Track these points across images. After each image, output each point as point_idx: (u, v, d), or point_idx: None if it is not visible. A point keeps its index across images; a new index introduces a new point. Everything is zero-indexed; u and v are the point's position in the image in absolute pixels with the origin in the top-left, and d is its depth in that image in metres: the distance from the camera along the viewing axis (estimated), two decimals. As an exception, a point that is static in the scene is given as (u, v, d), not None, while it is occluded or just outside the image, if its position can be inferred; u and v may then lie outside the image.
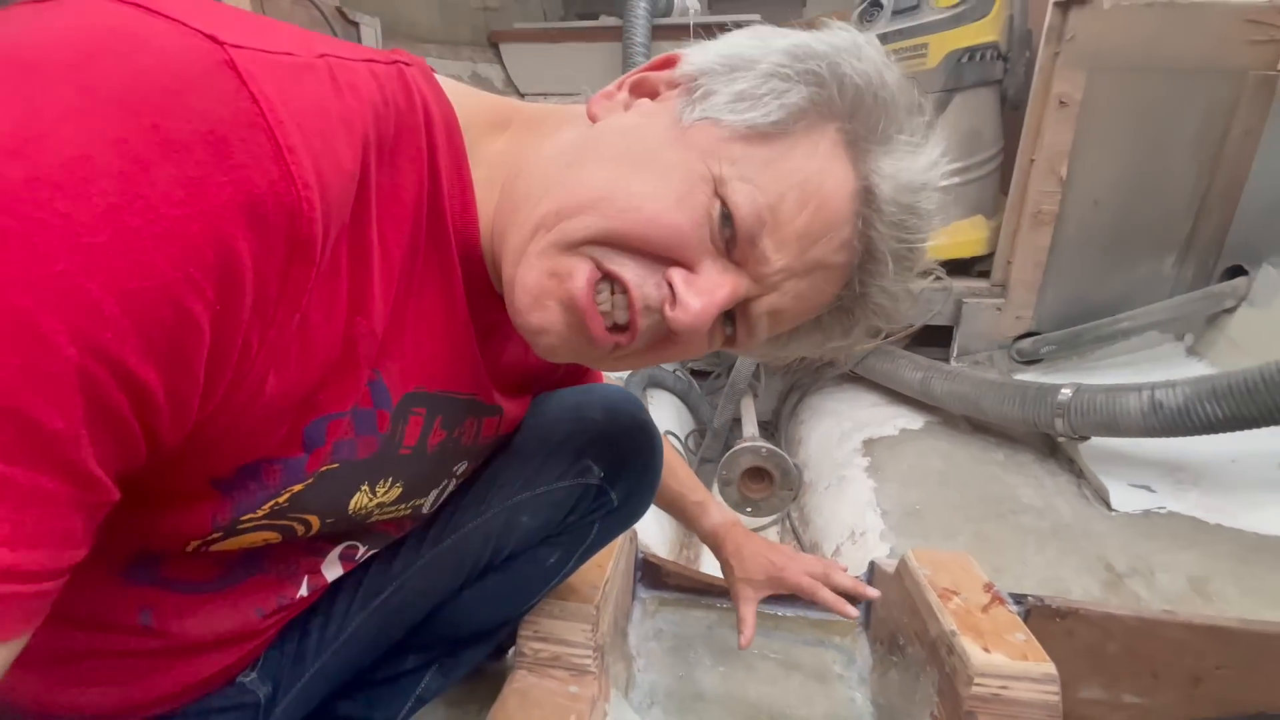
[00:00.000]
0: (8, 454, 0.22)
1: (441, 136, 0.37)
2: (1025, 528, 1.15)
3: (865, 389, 1.73)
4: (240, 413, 0.31)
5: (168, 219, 0.23)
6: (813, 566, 0.77)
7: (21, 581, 0.23)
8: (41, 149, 0.21)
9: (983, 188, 1.66)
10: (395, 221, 0.35)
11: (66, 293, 0.21)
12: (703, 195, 0.36)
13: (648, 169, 0.36)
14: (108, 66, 0.23)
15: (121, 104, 0.22)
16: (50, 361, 0.22)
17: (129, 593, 0.39)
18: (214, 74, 0.24)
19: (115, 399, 0.24)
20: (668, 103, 0.39)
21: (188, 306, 0.24)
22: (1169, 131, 1.42)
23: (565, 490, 0.60)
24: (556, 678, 0.67)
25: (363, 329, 0.34)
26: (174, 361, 0.25)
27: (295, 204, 0.26)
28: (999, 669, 0.63)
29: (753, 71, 0.37)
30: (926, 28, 1.55)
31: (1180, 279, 1.52)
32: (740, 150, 0.36)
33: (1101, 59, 1.38)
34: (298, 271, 0.28)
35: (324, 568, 0.50)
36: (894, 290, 0.41)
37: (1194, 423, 1.05)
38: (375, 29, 1.61)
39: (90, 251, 0.22)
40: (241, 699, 0.50)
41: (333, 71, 0.30)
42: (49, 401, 0.22)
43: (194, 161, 0.23)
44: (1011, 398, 1.29)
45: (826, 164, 0.37)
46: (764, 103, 0.36)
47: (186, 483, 0.34)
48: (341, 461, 0.38)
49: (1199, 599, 0.96)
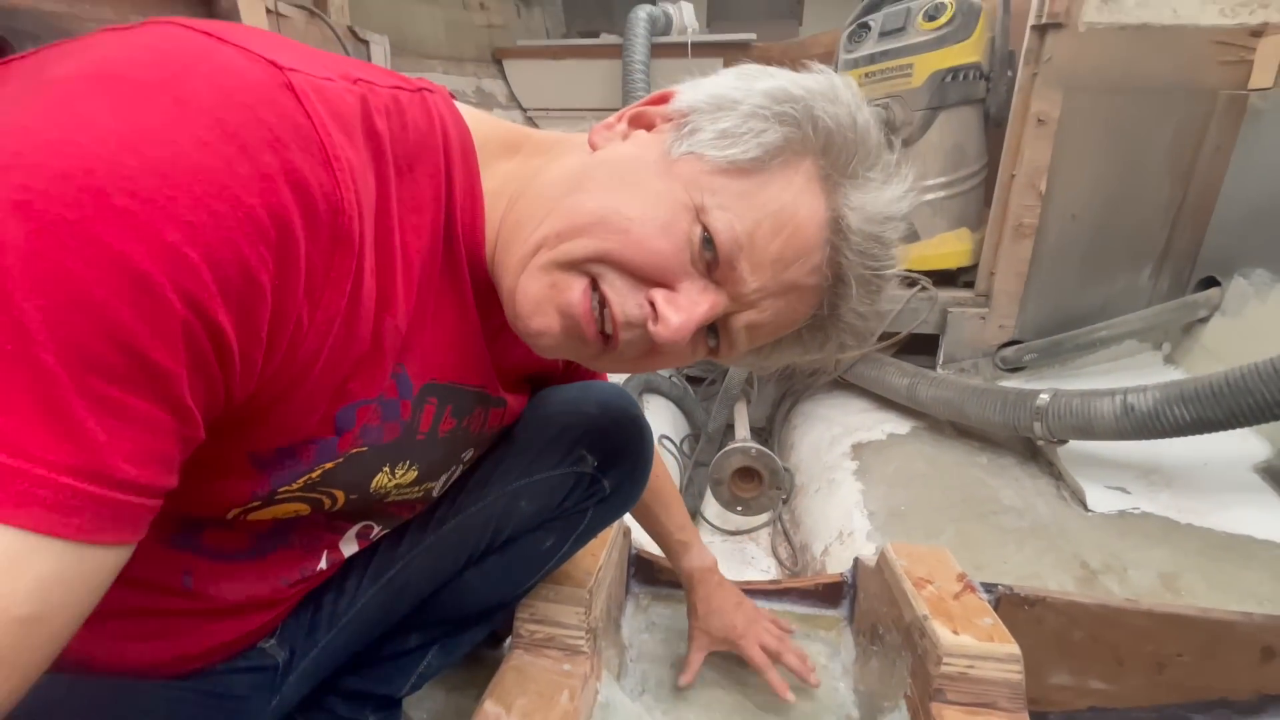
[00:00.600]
0: (132, 386, 0.27)
1: (457, 156, 0.42)
2: (1005, 527, 1.19)
3: (855, 395, 1.77)
4: (291, 386, 0.35)
5: (245, 206, 0.28)
6: (768, 642, 0.82)
7: (137, 493, 0.28)
8: (150, 145, 0.26)
9: (967, 201, 1.72)
10: (415, 230, 0.40)
11: (174, 259, 0.26)
12: (685, 222, 0.40)
13: (638, 196, 0.40)
14: (196, 85, 0.28)
15: (209, 114, 0.28)
16: (163, 312, 0.27)
17: (173, 556, 0.44)
18: (277, 94, 0.30)
19: (206, 347, 0.29)
20: (660, 135, 0.44)
21: (257, 275, 0.29)
22: (1143, 148, 1.47)
23: (561, 478, 0.64)
24: (551, 657, 0.71)
25: (389, 325, 0.39)
26: (246, 322, 0.30)
27: (339, 203, 0.32)
28: (966, 649, 0.67)
29: (735, 111, 0.41)
30: (912, 49, 1.61)
31: (1156, 290, 1.57)
32: (721, 183, 0.40)
33: (1078, 79, 1.44)
34: (341, 261, 0.33)
35: (342, 544, 0.54)
36: (862, 311, 0.45)
37: (1163, 425, 1.10)
38: (384, 46, 1.67)
39: (190, 227, 0.27)
40: (263, 662, 0.54)
41: (365, 96, 0.36)
42: (163, 345, 0.27)
43: (264, 162, 0.29)
44: (993, 403, 1.34)
45: (800, 196, 0.41)
46: (744, 140, 0.41)
47: (230, 457, 0.38)
48: (369, 445, 0.43)
49: (1169, 594, 1.00)
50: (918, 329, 1.69)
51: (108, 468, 0.26)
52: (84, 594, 0.28)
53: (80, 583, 0.27)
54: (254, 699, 0.54)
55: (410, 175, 0.39)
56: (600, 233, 0.39)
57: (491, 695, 0.65)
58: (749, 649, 0.81)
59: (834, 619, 0.98)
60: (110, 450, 0.26)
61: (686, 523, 0.85)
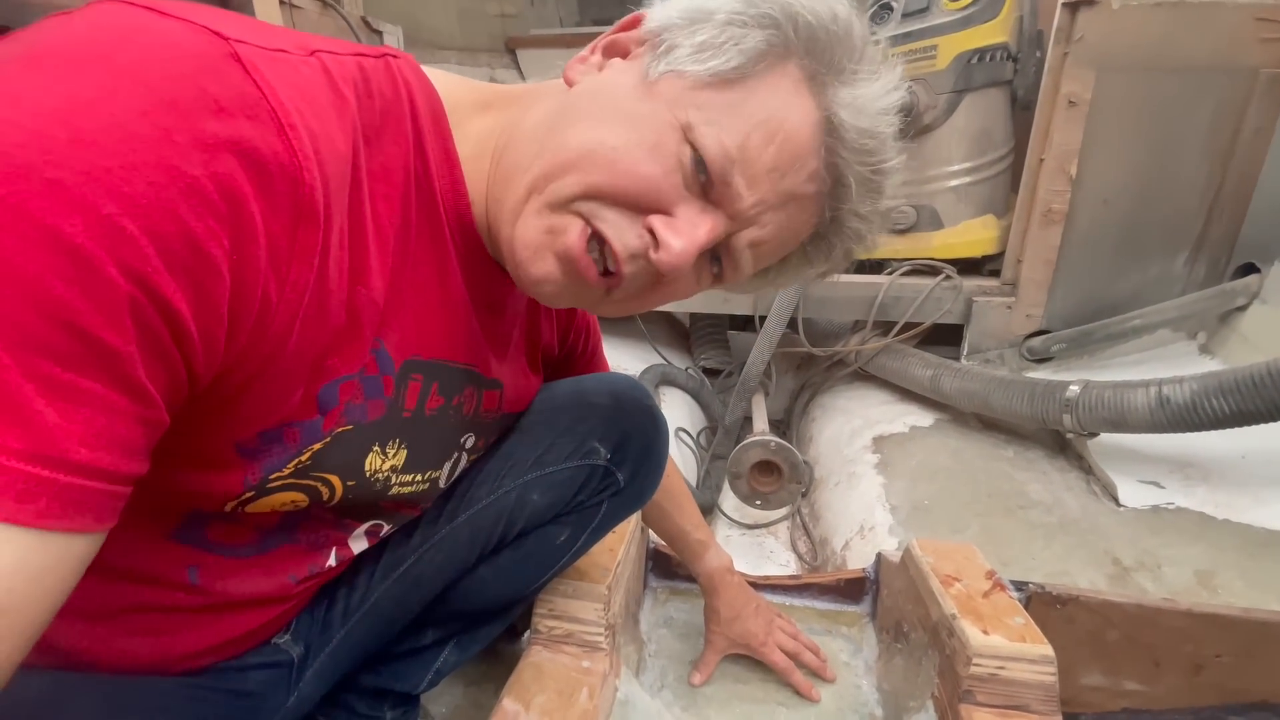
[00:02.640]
0: (79, 366, 0.25)
1: (426, 120, 0.40)
2: (1033, 523, 1.16)
3: (876, 387, 1.74)
4: (264, 365, 0.34)
5: (187, 176, 0.27)
6: (786, 643, 0.83)
7: (96, 478, 0.27)
8: (82, 117, 0.25)
9: (993, 187, 1.67)
10: (386, 200, 0.38)
11: (111, 230, 0.25)
12: (672, 143, 0.39)
13: (620, 124, 0.39)
14: (133, 55, 0.27)
15: (146, 84, 0.26)
16: (105, 288, 0.25)
17: (178, 552, 0.43)
18: (221, 63, 0.29)
19: (157, 324, 0.27)
20: (637, 60, 0.42)
21: (208, 250, 0.28)
22: (1179, 130, 1.42)
23: (573, 470, 0.63)
24: (569, 653, 0.70)
25: (364, 298, 0.38)
26: (200, 298, 0.29)
27: (297, 173, 0.30)
28: (996, 650, 0.65)
29: (711, 22, 0.40)
30: (936, 29, 1.57)
31: (1192, 277, 1.52)
32: (705, 97, 0.39)
33: (1111, 59, 1.39)
34: (305, 234, 0.32)
35: (350, 541, 0.53)
36: (864, 212, 0.43)
37: (1201, 418, 1.06)
38: (398, 37, 1.66)
39: (126, 199, 0.25)
40: (276, 658, 0.54)
41: (325, 65, 0.34)
42: (109, 323, 0.26)
43: (209, 133, 0.27)
44: (1020, 394, 1.30)
45: (788, 100, 0.39)
46: (724, 50, 0.39)
47: (215, 447, 0.37)
48: (355, 424, 0.42)
49: (1205, 592, 0.96)
50: (941, 319, 1.65)
51: (61, 451, 0.25)
52: (50, 584, 0.26)
53: (45, 572, 0.26)
54: (270, 695, 0.54)
55: (378, 143, 0.37)
56: (587, 166, 0.38)
57: (510, 692, 0.64)
58: (770, 655, 0.82)
59: (855, 615, 0.96)
60: (63, 434, 0.25)
61: (701, 521, 0.84)
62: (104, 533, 0.29)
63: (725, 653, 0.84)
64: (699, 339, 2.04)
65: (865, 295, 1.70)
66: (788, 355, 1.89)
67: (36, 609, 0.26)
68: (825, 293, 1.73)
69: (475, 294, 0.47)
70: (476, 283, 0.47)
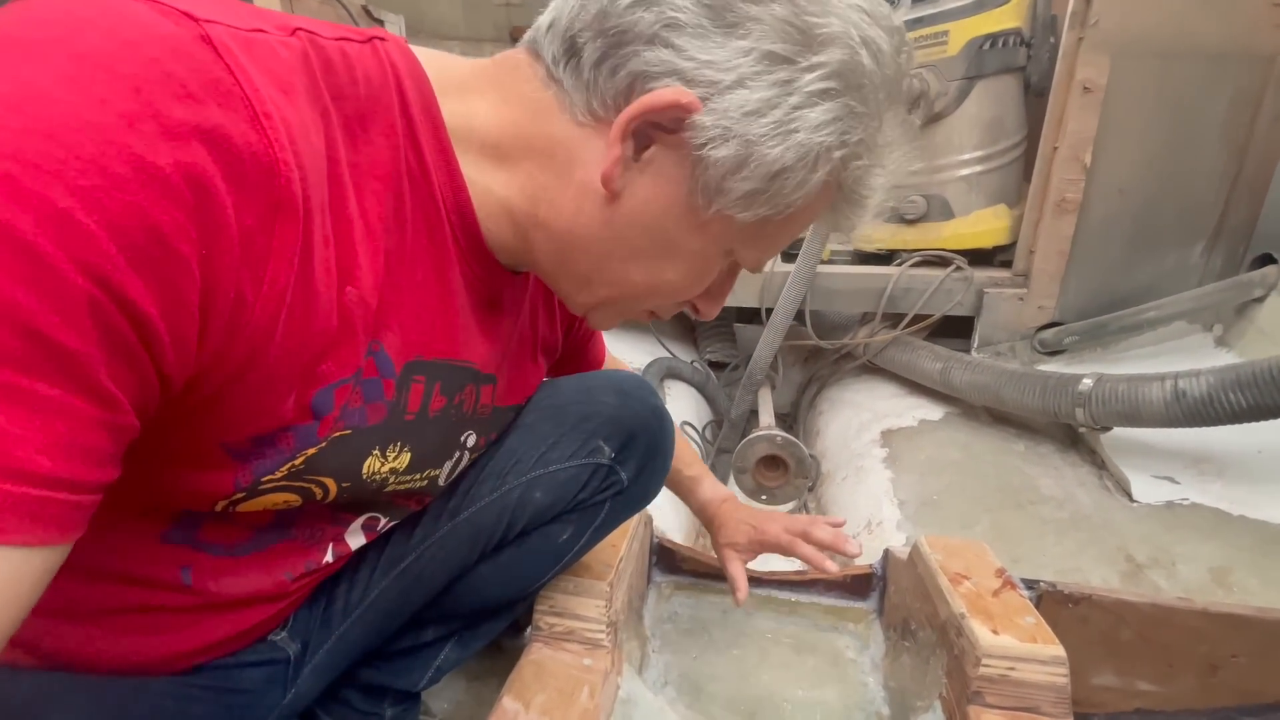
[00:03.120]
0: (35, 371, 0.24)
1: (418, 110, 0.38)
2: (1044, 518, 1.14)
3: (884, 380, 1.72)
4: (246, 367, 0.32)
5: (152, 167, 0.25)
6: (793, 524, 0.79)
7: (57, 489, 0.25)
8: (37, 105, 0.24)
9: (1005, 176, 1.64)
10: (375, 195, 0.37)
11: (68, 227, 0.24)
12: (719, 261, 0.45)
13: (676, 260, 0.44)
14: (95, 39, 0.25)
15: (108, 69, 0.25)
16: (62, 288, 0.24)
17: (170, 552, 0.42)
18: (191, 46, 0.27)
19: (120, 324, 0.26)
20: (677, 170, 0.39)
21: (174, 245, 0.26)
22: (1196, 118, 1.39)
23: (576, 469, 0.62)
24: (571, 651, 0.69)
25: (353, 298, 0.36)
26: (168, 295, 0.27)
27: (272, 164, 0.29)
28: (1006, 650, 0.63)
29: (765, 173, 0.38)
30: (947, 14, 1.53)
31: (1209, 268, 1.49)
32: (751, 231, 0.42)
33: (1127, 44, 1.36)
34: (284, 229, 0.30)
35: (347, 536, 0.52)
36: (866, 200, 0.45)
37: (1218, 412, 1.04)
38: (400, 26, 1.64)
39: (84, 192, 0.24)
40: (273, 655, 0.53)
41: (304, 48, 0.32)
42: (66, 324, 0.24)
43: (175, 120, 0.26)
44: (1032, 388, 1.28)
45: (820, 203, 0.43)
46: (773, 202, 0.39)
47: (202, 448, 0.36)
48: (353, 428, 0.41)
49: (1220, 590, 0.94)
50: (952, 311, 1.63)
51: (15, 460, 0.24)
52: (10, 598, 0.25)
53: (4, 586, 0.25)
54: (266, 693, 0.53)
55: (364, 134, 0.36)
56: (653, 298, 0.47)
57: (510, 691, 0.63)
58: (775, 537, 0.78)
59: (862, 611, 0.95)
60: (17, 441, 0.24)
61: (693, 459, 0.84)
62: (69, 544, 0.27)
63: (742, 560, 0.81)
64: (704, 332, 2.03)
65: (874, 287, 1.67)
66: (795, 348, 1.87)
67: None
68: (833, 284, 1.71)
69: (475, 290, 0.46)
70: (477, 279, 0.45)
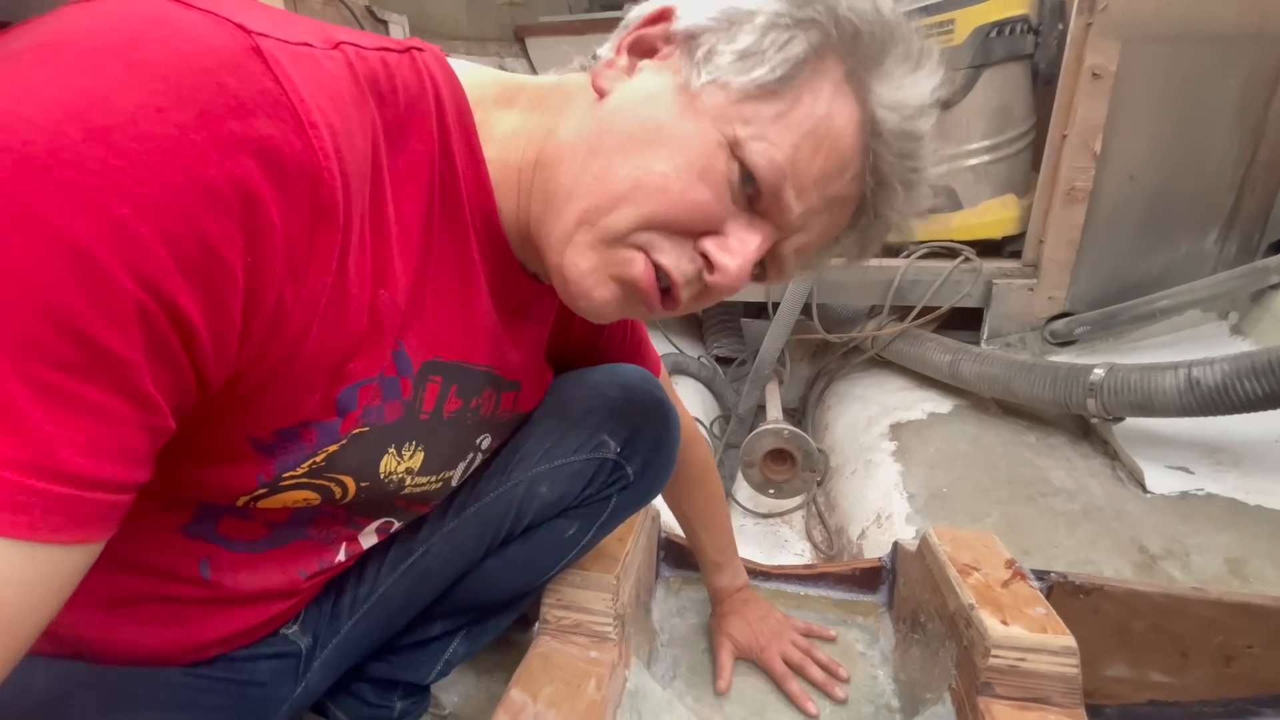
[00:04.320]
0: (82, 374, 0.25)
1: (453, 118, 0.39)
2: (1056, 510, 1.13)
3: (893, 373, 1.71)
4: (280, 368, 0.33)
5: (204, 177, 0.26)
6: (791, 654, 0.81)
7: (95, 489, 0.26)
8: (97, 113, 0.24)
9: (1013, 166, 1.63)
10: (411, 200, 0.37)
11: (122, 234, 0.24)
12: (721, 162, 0.38)
13: (666, 146, 0.38)
14: (152, 49, 0.26)
15: (165, 79, 0.25)
16: (113, 293, 0.25)
17: (190, 545, 0.43)
18: (243, 58, 0.27)
19: (166, 331, 0.27)
20: (669, 61, 0.40)
21: (222, 253, 0.27)
22: (1209, 102, 1.36)
23: (582, 464, 0.62)
24: (578, 643, 0.69)
25: (385, 301, 0.37)
26: (213, 302, 0.28)
27: (317, 172, 0.29)
28: (1016, 641, 0.63)
29: (752, 24, 0.38)
30: (954, 2, 1.52)
31: (1223, 255, 1.46)
32: (750, 109, 0.38)
33: (1136, 28, 1.33)
34: (325, 235, 0.31)
35: (361, 537, 0.53)
36: (905, 210, 0.43)
37: (1233, 401, 1.02)
38: (403, 26, 1.65)
39: (140, 200, 0.24)
40: (285, 648, 0.54)
41: (348, 60, 0.33)
42: (115, 329, 0.25)
43: (226, 130, 0.26)
44: (1042, 379, 1.27)
45: (832, 103, 0.39)
46: (768, 58, 0.37)
47: (230, 442, 0.37)
48: (371, 425, 0.41)
49: (1236, 581, 0.93)
50: (960, 303, 1.61)
51: (57, 461, 0.24)
52: (43, 597, 0.26)
53: (37, 585, 0.25)
54: (277, 686, 0.54)
55: (403, 141, 0.36)
56: (638, 198, 0.38)
57: (517, 683, 0.64)
58: (770, 661, 0.81)
59: (872, 605, 0.95)
60: (60, 443, 0.24)
61: (725, 544, 0.85)
62: (103, 542, 0.28)
63: (734, 654, 0.84)
64: (712, 327, 2.02)
65: (882, 279, 1.66)
66: (802, 342, 1.86)
67: (28, 621, 0.26)
68: (840, 278, 1.70)
69: (499, 295, 0.46)
70: (501, 284, 0.46)
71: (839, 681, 0.81)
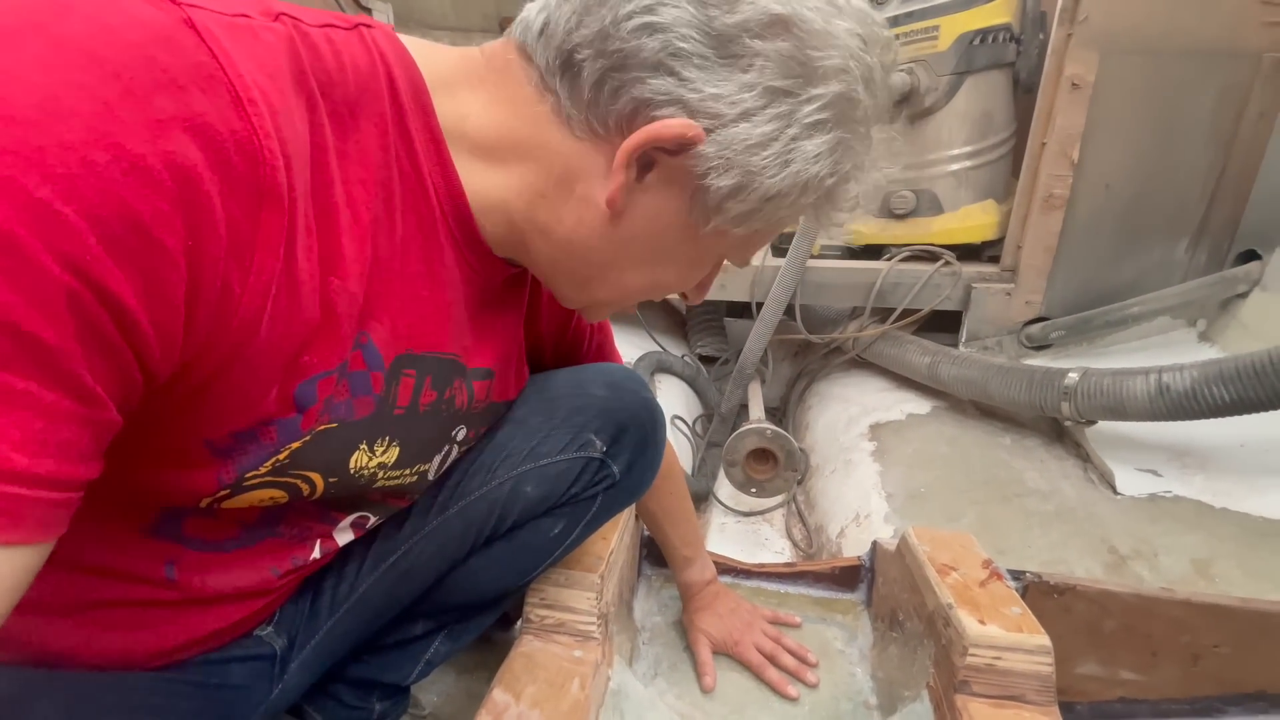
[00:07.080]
0: (10, 366, 0.23)
1: (408, 98, 0.38)
2: (1030, 510, 1.15)
3: (873, 374, 1.73)
4: (231, 359, 0.32)
5: (133, 155, 0.24)
6: (764, 644, 0.83)
7: (36, 486, 0.25)
8: (14, 91, 0.23)
9: (994, 171, 1.65)
10: (362, 184, 0.36)
11: (46, 217, 0.23)
12: (710, 263, 0.48)
13: (672, 264, 0.46)
14: (76, 24, 0.24)
15: (88, 54, 0.24)
16: (38, 280, 0.23)
17: (154, 547, 0.42)
18: (174, 30, 0.26)
19: (100, 317, 0.25)
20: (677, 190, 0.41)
21: (158, 236, 0.26)
22: (1182, 115, 1.39)
23: (568, 463, 0.61)
24: (561, 643, 0.69)
25: (337, 288, 0.36)
26: (151, 287, 0.26)
27: (258, 152, 0.28)
28: (993, 640, 0.64)
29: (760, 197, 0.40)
30: (938, 9, 1.53)
31: (1193, 264, 1.50)
32: (743, 239, 0.45)
33: (1115, 40, 1.36)
34: (270, 218, 0.30)
35: (335, 534, 0.52)
36: None
37: (1201, 406, 1.05)
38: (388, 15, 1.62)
39: (61, 181, 0.23)
40: (259, 650, 0.53)
41: (289, 34, 0.32)
42: (43, 317, 0.24)
43: (156, 107, 0.25)
44: (1018, 382, 1.29)
45: None
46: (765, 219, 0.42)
47: (185, 444, 0.35)
48: (339, 421, 0.40)
49: (1202, 581, 0.96)
50: (940, 306, 1.63)
51: None
52: None
53: None
54: (253, 688, 0.53)
55: (352, 121, 0.35)
56: (648, 296, 0.49)
57: (500, 683, 0.63)
58: (745, 653, 0.82)
59: (850, 603, 0.96)
60: None
61: (693, 539, 0.86)
62: (50, 543, 0.27)
63: (710, 648, 0.85)
64: (695, 326, 2.02)
65: (863, 281, 1.68)
66: (785, 342, 1.88)
67: None
68: (823, 279, 1.71)
69: (469, 283, 0.45)
70: (471, 271, 0.45)
71: (809, 666, 0.83)
